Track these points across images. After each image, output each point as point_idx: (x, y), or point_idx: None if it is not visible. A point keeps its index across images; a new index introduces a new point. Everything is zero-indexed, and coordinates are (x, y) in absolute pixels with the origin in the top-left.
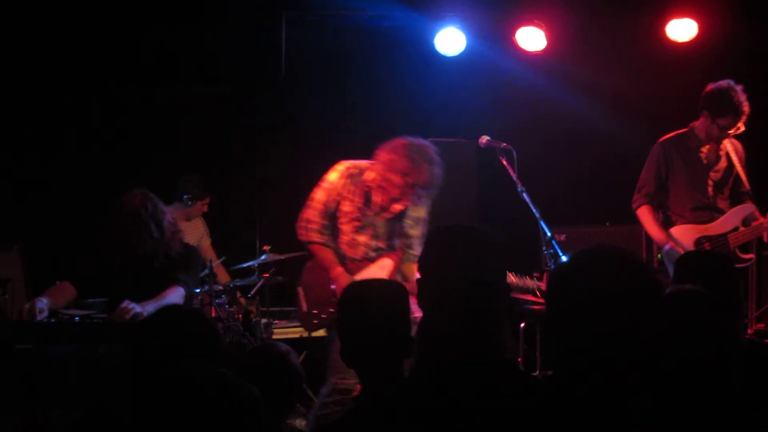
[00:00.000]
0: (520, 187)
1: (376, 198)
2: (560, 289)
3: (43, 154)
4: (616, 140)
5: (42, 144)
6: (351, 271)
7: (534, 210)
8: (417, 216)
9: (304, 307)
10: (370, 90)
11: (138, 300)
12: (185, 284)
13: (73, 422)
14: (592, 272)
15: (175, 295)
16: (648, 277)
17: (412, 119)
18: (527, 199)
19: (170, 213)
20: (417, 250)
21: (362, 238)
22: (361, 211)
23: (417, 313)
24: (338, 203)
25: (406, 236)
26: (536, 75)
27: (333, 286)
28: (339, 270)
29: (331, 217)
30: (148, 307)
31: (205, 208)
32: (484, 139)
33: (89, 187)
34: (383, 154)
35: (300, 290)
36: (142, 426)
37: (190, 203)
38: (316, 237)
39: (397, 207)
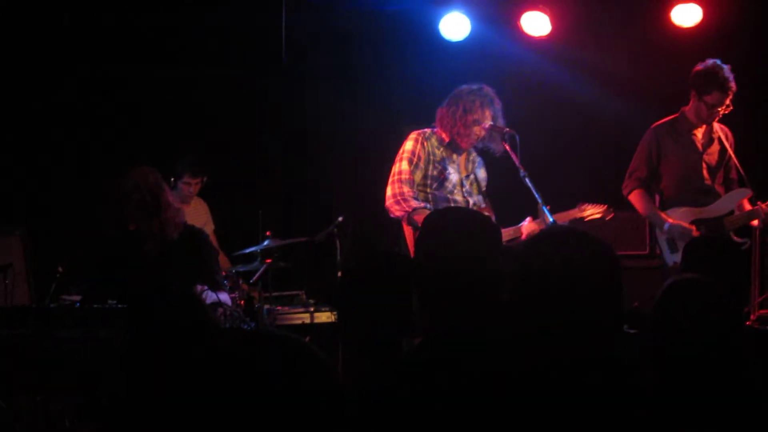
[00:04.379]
0: (522, 173)
1: (454, 154)
2: (519, 270)
3: (44, 138)
4: (622, 126)
5: (42, 127)
6: None
7: (537, 195)
8: (483, 177)
9: None
10: (373, 75)
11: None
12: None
13: (74, 408)
14: (541, 251)
15: None
16: (595, 250)
17: (416, 104)
18: (530, 185)
19: (171, 194)
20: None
21: (458, 197)
22: (447, 172)
23: None
24: (423, 169)
25: (482, 192)
26: (541, 60)
27: None
28: None
29: (418, 185)
30: None
31: (195, 189)
32: (487, 123)
33: (90, 171)
34: (443, 110)
35: None
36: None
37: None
38: (415, 204)
39: (472, 145)
